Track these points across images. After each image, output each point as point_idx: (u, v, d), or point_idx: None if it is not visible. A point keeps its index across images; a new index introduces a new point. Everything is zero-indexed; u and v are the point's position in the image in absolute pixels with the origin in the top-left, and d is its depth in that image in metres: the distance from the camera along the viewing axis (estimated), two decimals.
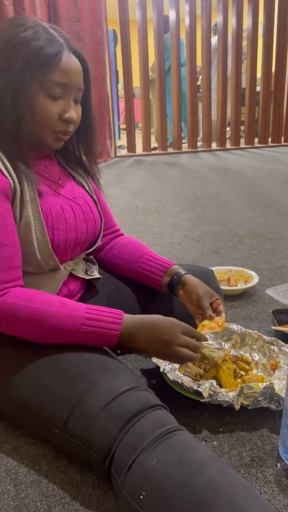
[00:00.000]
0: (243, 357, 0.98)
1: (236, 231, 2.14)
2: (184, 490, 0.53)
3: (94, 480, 0.70)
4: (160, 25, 5.08)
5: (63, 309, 0.73)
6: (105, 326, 0.74)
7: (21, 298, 0.72)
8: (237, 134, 5.86)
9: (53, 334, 0.73)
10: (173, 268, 0.98)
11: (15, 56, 0.73)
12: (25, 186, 0.78)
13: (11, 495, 0.68)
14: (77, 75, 0.79)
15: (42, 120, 0.78)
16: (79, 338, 0.73)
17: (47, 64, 0.74)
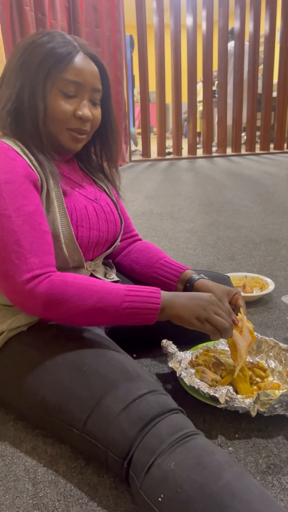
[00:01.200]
0: (259, 364, 0.99)
1: (251, 237, 2.14)
2: (202, 493, 0.54)
3: (111, 482, 0.71)
4: (177, 30, 5.10)
5: (106, 284, 0.77)
6: (146, 295, 0.76)
7: (68, 276, 0.75)
8: (253, 140, 5.85)
9: (99, 309, 0.74)
10: (186, 274, 0.98)
11: (31, 58, 0.79)
12: (50, 184, 0.81)
13: (30, 494, 0.70)
14: (91, 75, 0.82)
15: (56, 118, 0.81)
16: (123, 311, 0.75)
17: (60, 63, 0.79)
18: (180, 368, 0.91)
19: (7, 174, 0.74)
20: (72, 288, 0.73)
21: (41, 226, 0.76)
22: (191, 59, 5.27)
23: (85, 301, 0.73)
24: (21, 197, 0.74)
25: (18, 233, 0.73)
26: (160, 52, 5.13)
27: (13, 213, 0.73)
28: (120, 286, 0.77)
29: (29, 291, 0.72)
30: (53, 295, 0.72)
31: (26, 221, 0.74)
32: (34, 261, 0.73)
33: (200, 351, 1.01)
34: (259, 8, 5.32)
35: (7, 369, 0.81)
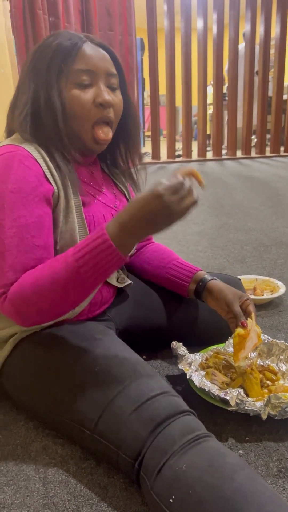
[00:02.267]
0: (269, 367, 0.98)
1: (261, 240, 2.13)
2: (214, 495, 0.54)
3: (121, 483, 0.71)
4: (188, 34, 5.11)
5: (54, 262, 0.70)
6: (93, 244, 0.67)
7: (23, 278, 0.71)
8: (263, 142, 5.83)
9: (61, 289, 0.68)
10: (199, 274, 0.99)
11: (40, 60, 0.79)
12: (70, 192, 0.79)
13: (40, 494, 0.70)
14: (101, 59, 0.80)
15: (76, 112, 0.79)
16: (84, 275, 0.67)
17: (68, 56, 0.78)
18: (190, 370, 0.91)
19: (16, 183, 0.73)
20: (25, 286, 0.69)
21: (33, 240, 0.73)
22: (201, 62, 5.27)
23: (43, 291, 0.68)
24: (22, 208, 0.72)
25: (6, 245, 0.71)
26: (171, 55, 5.14)
27: (8, 223, 0.72)
28: (68, 255, 0.69)
29: (1, 305, 0.72)
30: (16, 303, 0.70)
31: (18, 233, 0.72)
32: (10, 277, 0.71)
33: (210, 353, 1.01)
34: (270, 11, 5.31)
35: (19, 369, 0.82)
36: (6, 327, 0.84)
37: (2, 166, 0.74)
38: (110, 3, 4.17)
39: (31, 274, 0.71)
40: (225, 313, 0.92)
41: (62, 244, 0.79)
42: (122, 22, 4.29)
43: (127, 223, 0.66)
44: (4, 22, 3.72)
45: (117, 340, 0.83)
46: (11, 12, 3.73)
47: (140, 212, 0.66)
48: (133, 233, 0.68)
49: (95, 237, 0.68)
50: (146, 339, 1.05)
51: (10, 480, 0.73)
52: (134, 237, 0.69)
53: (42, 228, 0.75)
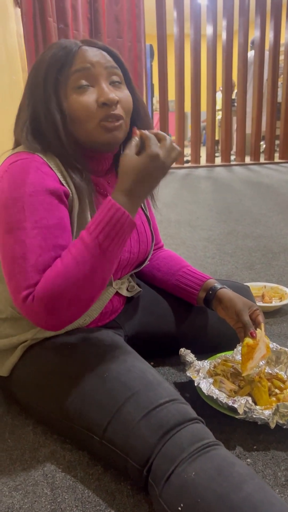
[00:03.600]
0: (278, 375, 0.98)
1: (270, 247, 2.12)
2: (223, 504, 0.54)
3: (128, 490, 0.71)
4: (197, 40, 5.13)
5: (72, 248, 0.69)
6: (106, 214, 0.68)
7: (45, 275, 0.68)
8: (272, 148, 5.82)
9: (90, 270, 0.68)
10: (209, 283, 0.99)
11: (36, 76, 0.78)
12: (85, 203, 0.79)
13: (48, 499, 0.70)
14: (95, 55, 0.77)
15: (81, 117, 0.76)
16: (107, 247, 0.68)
17: (63, 64, 0.75)
18: (198, 377, 0.91)
19: (33, 187, 0.72)
20: (52, 280, 0.67)
21: (57, 240, 0.71)
22: (210, 68, 5.29)
23: (70, 278, 0.66)
24: (43, 210, 0.71)
25: (28, 245, 0.69)
26: (180, 61, 5.17)
27: (30, 225, 0.69)
28: (83, 237, 0.69)
29: (27, 308, 0.68)
30: (46, 299, 0.66)
31: (41, 234, 0.70)
32: (34, 277, 0.68)
33: (219, 361, 1.01)
34: (279, 17, 5.33)
35: (29, 374, 0.82)
36: (17, 334, 0.84)
37: (19, 171, 0.73)
38: (119, 11, 4.21)
39: (52, 269, 0.68)
40: (234, 322, 0.92)
41: None
42: (131, 29, 4.33)
43: (132, 189, 0.70)
44: (16, 29, 3.77)
45: (126, 347, 0.84)
46: (22, 19, 3.78)
47: (140, 176, 0.70)
48: (139, 197, 0.72)
49: (106, 210, 0.69)
50: (155, 345, 1.05)
51: (18, 485, 0.73)
52: (140, 200, 0.73)
53: (64, 229, 0.73)
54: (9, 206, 0.71)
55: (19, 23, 3.88)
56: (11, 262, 0.70)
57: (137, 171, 0.70)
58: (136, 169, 0.70)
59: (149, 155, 0.69)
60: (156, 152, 0.69)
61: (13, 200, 0.71)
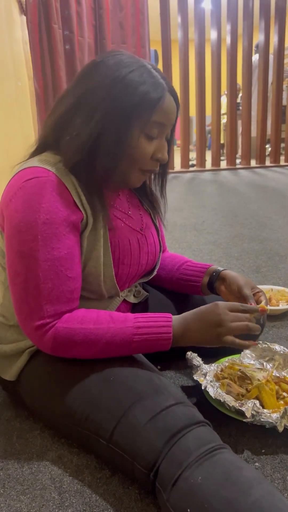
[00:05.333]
0: (285, 378, 0.97)
1: (277, 250, 2.12)
2: (230, 509, 0.53)
3: (136, 494, 0.71)
4: (202, 45, 5.15)
5: (113, 324, 0.75)
6: (156, 331, 0.75)
7: (73, 321, 0.74)
8: (277, 151, 5.81)
9: (109, 350, 0.75)
10: (212, 268, 1.01)
11: (122, 99, 0.75)
12: (99, 221, 0.80)
13: (56, 503, 0.70)
14: (173, 114, 0.82)
15: (135, 160, 0.80)
16: (134, 348, 0.76)
17: (152, 108, 0.76)
18: (205, 381, 0.91)
19: (48, 213, 0.72)
20: (77, 336, 0.73)
21: (66, 272, 0.74)
22: (215, 72, 5.31)
23: (92, 347, 0.74)
24: (56, 240, 0.73)
25: (41, 278, 0.72)
26: (185, 66, 5.19)
27: (42, 256, 0.72)
28: (128, 322, 0.76)
29: (38, 337, 0.74)
30: (59, 344, 0.74)
31: (53, 266, 0.73)
32: (48, 309, 0.73)
33: (226, 364, 1.01)
34: (283, 21, 5.33)
35: (36, 378, 0.82)
36: (24, 339, 0.85)
37: (34, 193, 0.72)
38: (124, 17, 4.25)
39: (84, 323, 0.74)
40: (236, 298, 0.93)
41: (87, 272, 0.80)
42: (135, 35, 4.36)
43: (189, 326, 0.78)
44: (21, 36, 3.81)
45: None
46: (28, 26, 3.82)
47: (198, 315, 0.79)
48: (186, 337, 0.78)
49: (160, 324, 0.76)
50: None
51: (26, 489, 0.73)
52: (189, 339, 0.78)
53: (73, 259, 0.76)
54: (22, 231, 0.72)
55: (25, 31, 3.92)
56: (23, 290, 0.73)
57: (203, 314, 0.79)
58: (204, 313, 0.79)
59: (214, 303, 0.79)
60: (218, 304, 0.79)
61: (27, 225, 0.72)
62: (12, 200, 0.74)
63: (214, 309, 0.78)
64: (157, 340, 0.75)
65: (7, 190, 0.78)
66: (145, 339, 0.75)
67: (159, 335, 0.75)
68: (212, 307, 0.78)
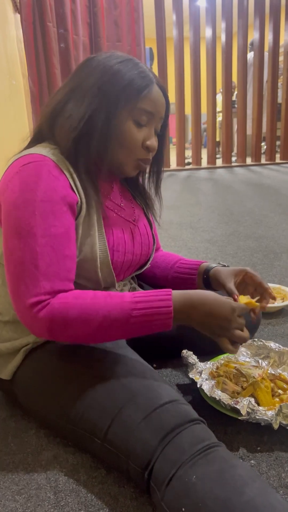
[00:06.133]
0: (281, 376, 0.97)
1: (272, 247, 2.12)
2: (225, 508, 0.53)
3: (131, 492, 0.71)
4: (197, 43, 5.15)
5: (111, 299, 0.72)
6: (156, 305, 0.71)
7: (69, 297, 0.72)
8: (273, 149, 5.82)
9: (108, 327, 0.70)
10: (202, 267, 1.01)
11: (111, 83, 0.79)
12: (92, 207, 0.80)
13: (51, 503, 0.70)
14: (161, 106, 0.85)
15: (126, 145, 0.82)
16: (133, 324, 0.71)
17: (139, 94, 0.80)
18: (200, 379, 0.91)
19: (45, 192, 0.73)
20: (73, 310, 0.70)
21: (64, 250, 0.73)
22: (210, 70, 5.31)
23: (89, 322, 0.70)
24: (53, 218, 0.73)
25: (38, 254, 0.70)
26: (180, 64, 5.18)
27: (40, 232, 0.71)
28: (125, 297, 0.72)
29: (33, 316, 0.70)
30: (55, 320, 0.69)
31: (50, 242, 0.72)
32: (45, 286, 0.70)
33: (221, 362, 1.01)
34: (278, 19, 5.34)
35: (31, 377, 0.82)
36: (20, 338, 0.84)
37: (31, 174, 0.74)
38: (118, 15, 4.24)
39: (80, 299, 0.71)
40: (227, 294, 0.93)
41: (82, 258, 0.80)
42: (130, 33, 4.35)
43: (192, 302, 0.74)
44: (16, 35, 3.79)
45: (127, 349, 0.84)
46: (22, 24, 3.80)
47: (207, 303, 0.74)
48: (191, 313, 0.74)
49: (159, 298, 0.72)
50: (157, 347, 1.05)
51: (21, 488, 0.73)
52: (189, 316, 0.74)
53: (70, 238, 0.76)
54: (20, 207, 0.72)
55: (19, 29, 3.90)
56: (19, 267, 0.71)
57: (210, 299, 0.75)
58: (210, 298, 0.75)
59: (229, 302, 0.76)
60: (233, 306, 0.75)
61: (24, 203, 0.72)
62: (8, 186, 0.75)
63: (227, 313, 0.74)
64: (158, 314, 0.71)
65: (3, 179, 0.78)
66: (144, 313, 0.70)
67: (158, 309, 0.71)
68: (227, 310, 0.74)
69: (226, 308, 0.74)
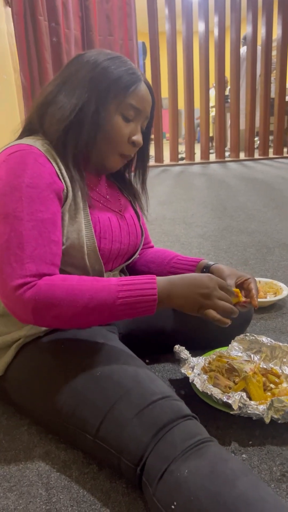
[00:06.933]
0: (272, 370, 0.98)
1: (265, 242, 2.12)
2: (216, 502, 0.53)
3: (123, 488, 0.71)
4: (190, 37, 5.12)
5: (97, 282, 0.73)
6: (141, 287, 0.73)
7: (55, 279, 0.72)
8: (266, 144, 5.82)
9: (92, 309, 0.70)
10: (202, 263, 1.01)
11: (101, 76, 0.82)
12: (78, 195, 0.82)
13: (43, 499, 0.70)
14: (148, 104, 0.87)
15: (113, 138, 0.84)
16: (119, 306, 0.71)
17: (127, 89, 0.83)
18: (193, 374, 0.91)
19: (32, 178, 0.75)
20: (60, 291, 0.70)
21: (50, 235, 0.74)
22: (203, 65, 5.29)
23: (75, 303, 0.70)
24: (39, 203, 0.74)
25: (24, 237, 0.71)
26: (173, 58, 5.16)
27: (26, 216, 0.72)
28: (112, 281, 0.73)
29: (18, 297, 0.69)
30: (40, 300, 0.69)
31: (36, 227, 0.73)
32: (30, 268, 0.71)
33: (213, 357, 1.01)
34: (271, 13, 5.32)
35: (22, 373, 0.82)
36: (11, 332, 0.84)
37: (18, 162, 0.75)
38: (110, 9, 4.20)
39: (66, 280, 0.72)
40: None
41: (69, 244, 0.80)
42: (122, 27, 4.32)
43: (174, 283, 0.75)
44: (7, 28, 3.75)
45: (119, 345, 0.84)
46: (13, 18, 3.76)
47: (189, 280, 0.76)
48: (172, 291, 0.74)
49: (144, 281, 0.73)
50: (149, 343, 1.05)
51: (13, 485, 0.73)
52: (170, 297, 0.74)
53: (56, 224, 0.77)
54: (6, 193, 0.73)
55: (10, 23, 3.85)
56: (5, 251, 0.71)
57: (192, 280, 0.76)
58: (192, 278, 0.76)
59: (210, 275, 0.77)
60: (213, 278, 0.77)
61: (11, 188, 0.73)
62: None
63: (206, 282, 0.76)
64: (143, 296, 0.71)
65: None
66: (130, 295, 0.71)
67: (144, 291, 0.72)
68: (205, 278, 0.76)
69: (204, 277, 0.77)
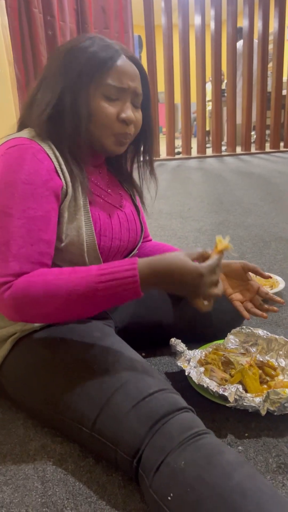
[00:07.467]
0: (269, 363, 0.98)
1: (261, 236, 2.12)
2: (212, 493, 0.53)
3: (119, 480, 0.71)
4: (186, 30, 5.09)
5: (75, 273, 0.69)
6: (121, 275, 0.68)
7: (32, 275, 0.70)
8: (263, 138, 5.81)
9: (74, 301, 0.68)
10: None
11: (73, 62, 0.78)
12: (78, 191, 0.80)
13: (39, 492, 0.70)
14: (132, 78, 0.81)
15: (100, 122, 0.80)
16: (100, 298, 0.68)
17: (102, 67, 0.78)
18: (189, 366, 0.91)
19: (28, 175, 0.73)
20: (36, 287, 0.68)
21: (39, 233, 0.72)
22: (199, 58, 5.26)
23: (53, 298, 0.68)
24: (32, 200, 0.72)
25: (12, 234, 0.70)
26: (169, 52, 5.12)
27: (17, 213, 0.71)
28: (92, 270, 0.69)
29: (0, 297, 0.69)
30: (18, 299, 0.68)
31: (26, 225, 0.71)
32: (14, 267, 0.69)
33: (209, 350, 1.01)
34: (268, 6, 5.29)
35: (18, 367, 0.81)
36: (6, 326, 0.83)
37: (16, 156, 0.74)
38: (106, 2, 4.17)
39: (44, 275, 0.69)
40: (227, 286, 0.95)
41: (68, 242, 0.79)
42: (118, 20, 4.28)
43: (159, 272, 0.68)
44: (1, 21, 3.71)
45: (115, 338, 0.83)
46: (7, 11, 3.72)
47: (175, 272, 0.68)
48: (158, 282, 0.69)
49: (124, 268, 0.68)
50: (145, 336, 1.04)
51: (8, 479, 0.73)
52: (156, 285, 0.70)
53: (49, 223, 0.75)
54: (1, 190, 0.73)
55: (4, 15, 3.81)
56: None
57: (176, 266, 0.68)
58: (177, 264, 0.68)
59: (195, 267, 0.68)
60: (200, 271, 0.68)
61: (5, 185, 0.73)
62: None
63: (195, 278, 0.69)
64: (124, 284, 0.67)
65: None
66: (111, 285, 0.67)
67: (124, 278, 0.67)
68: (194, 274, 0.68)
69: (193, 276, 0.68)
